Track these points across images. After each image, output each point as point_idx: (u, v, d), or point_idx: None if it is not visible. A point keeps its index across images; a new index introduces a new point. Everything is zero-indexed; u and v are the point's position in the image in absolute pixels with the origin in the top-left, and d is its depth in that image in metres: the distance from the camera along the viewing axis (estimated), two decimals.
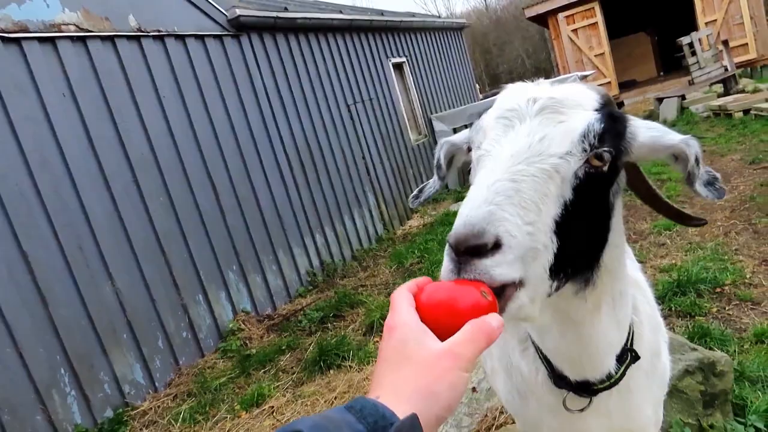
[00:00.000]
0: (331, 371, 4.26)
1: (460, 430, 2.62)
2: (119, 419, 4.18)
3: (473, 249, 0.73)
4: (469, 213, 0.75)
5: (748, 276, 3.98)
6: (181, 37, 5.59)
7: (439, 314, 0.70)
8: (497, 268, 0.73)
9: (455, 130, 10.33)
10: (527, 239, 0.77)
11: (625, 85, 18.01)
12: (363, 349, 4.39)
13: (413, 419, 0.59)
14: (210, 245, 5.45)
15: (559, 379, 1.17)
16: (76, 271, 4.22)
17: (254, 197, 6.12)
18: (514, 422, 2.44)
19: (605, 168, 0.88)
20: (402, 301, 0.72)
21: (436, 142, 9.25)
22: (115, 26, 4.92)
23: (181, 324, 4.98)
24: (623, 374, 1.15)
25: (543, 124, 0.87)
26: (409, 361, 0.65)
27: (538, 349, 1.20)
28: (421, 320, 0.70)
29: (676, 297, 3.83)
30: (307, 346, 4.74)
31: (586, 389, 1.15)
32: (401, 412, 0.61)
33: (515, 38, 41.04)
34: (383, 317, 4.84)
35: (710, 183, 0.94)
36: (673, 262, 4.51)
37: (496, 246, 0.73)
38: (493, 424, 2.53)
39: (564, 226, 0.83)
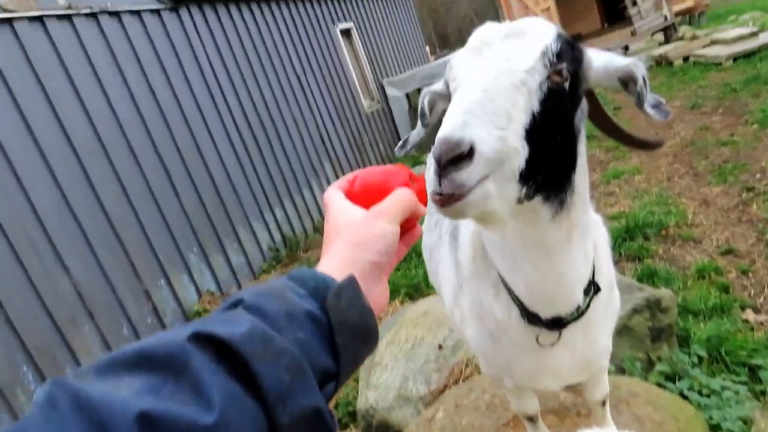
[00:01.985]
0: None
1: (429, 385, 2.72)
2: None
3: (452, 159, 0.80)
4: (448, 124, 0.83)
5: (690, 217, 4.20)
6: (115, 14, 5.34)
7: (370, 196, 0.77)
8: (471, 177, 0.82)
9: (408, 95, 10.29)
10: (498, 142, 0.85)
11: None
12: None
13: (350, 280, 0.64)
14: (167, 228, 5.35)
15: (532, 317, 1.23)
16: (27, 263, 4.09)
17: (208, 175, 6.01)
18: (479, 373, 2.56)
19: (566, 84, 0.99)
20: (333, 195, 0.79)
21: (389, 108, 9.13)
22: (42, 5, 4.65)
23: (144, 310, 4.92)
24: (588, 306, 1.23)
25: (508, 47, 0.97)
26: (339, 231, 0.73)
27: (510, 291, 1.26)
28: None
29: (626, 242, 4.02)
30: None
31: (557, 324, 1.23)
32: (336, 270, 0.67)
33: None
34: None
35: (656, 106, 1.05)
36: (622, 209, 4.71)
37: (471, 153, 0.81)
38: (460, 377, 2.64)
39: (534, 135, 0.91)
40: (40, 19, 4.61)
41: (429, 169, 0.86)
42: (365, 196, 0.78)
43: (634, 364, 2.40)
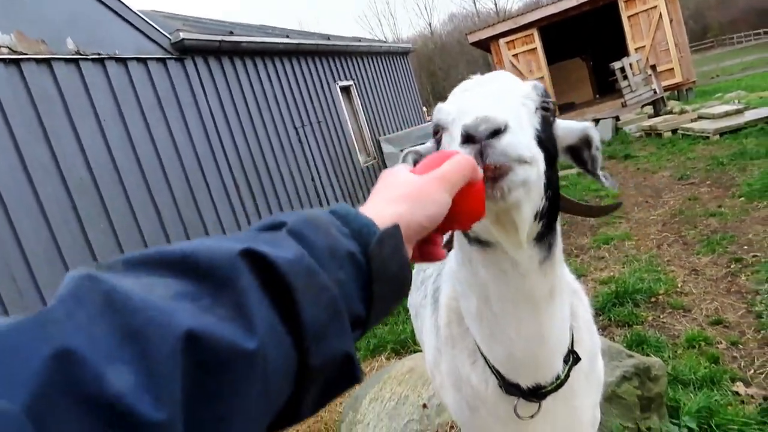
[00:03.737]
0: None
1: None
2: None
3: (491, 133, 0.79)
4: (473, 110, 0.83)
5: (679, 285, 4.20)
6: (122, 60, 5.49)
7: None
8: (515, 144, 0.80)
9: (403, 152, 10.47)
10: (524, 134, 0.86)
11: (564, 108, 18.84)
12: None
13: (395, 229, 0.61)
14: None
15: (510, 386, 1.20)
16: (8, 302, 4.00)
17: (201, 221, 6.00)
18: None
19: (552, 120, 1.02)
20: (397, 165, 0.79)
21: (385, 164, 9.29)
22: (51, 49, 4.78)
23: None
24: (568, 375, 1.19)
25: (499, 82, 1.02)
26: (397, 184, 0.70)
27: (487, 360, 1.23)
28: None
29: (615, 307, 4.00)
30: None
31: (536, 394, 1.19)
32: (386, 215, 0.63)
33: (460, 62, 42.34)
34: None
35: (606, 178, 1.13)
36: (612, 274, 4.71)
37: (506, 128, 0.80)
38: None
39: (540, 147, 0.91)
40: (47, 61, 4.73)
41: (460, 149, 0.82)
42: (428, 166, 0.75)
43: None
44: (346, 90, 10.27)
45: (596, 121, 13.15)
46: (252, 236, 0.52)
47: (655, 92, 13.26)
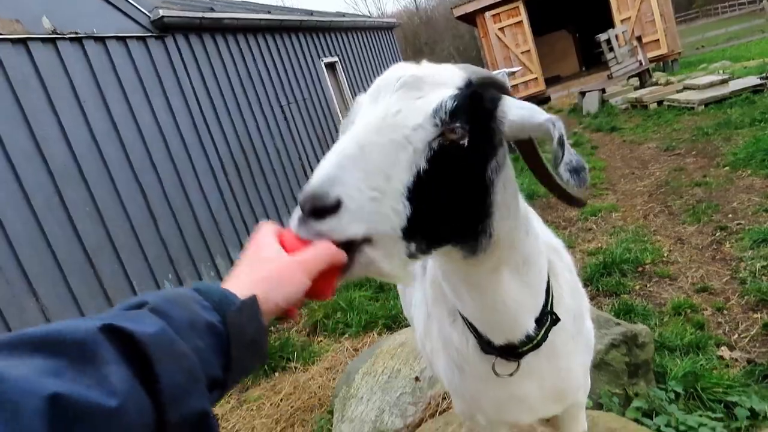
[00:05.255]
0: (276, 374, 4.21)
1: (405, 419, 2.67)
2: None
3: (316, 210, 0.78)
4: (317, 176, 0.81)
5: (665, 254, 4.27)
6: (101, 39, 5.35)
7: (298, 245, 0.81)
8: (336, 228, 0.79)
9: None
10: (369, 204, 0.81)
11: (550, 81, 18.79)
12: (307, 350, 4.37)
13: (253, 300, 0.70)
14: (143, 255, 5.24)
15: (486, 344, 1.21)
16: None
17: (188, 203, 5.94)
18: None
19: (464, 142, 0.91)
20: (267, 227, 0.87)
21: None
22: (27, 28, 4.64)
23: None
24: (545, 337, 1.19)
25: (401, 99, 0.92)
26: (261, 262, 0.78)
27: (464, 318, 1.23)
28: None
29: (603, 278, 4.06)
30: None
31: (512, 352, 1.19)
32: (244, 291, 0.71)
33: (446, 37, 41.93)
34: (326, 316, 4.85)
35: (576, 170, 0.94)
36: (599, 245, 4.76)
37: (337, 206, 0.78)
38: (436, 411, 2.60)
39: (419, 193, 0.86)
40: (23, 41, 4.60)
41: (293, 215, 0.83)
42: (295, 243, 0.81)
43: (611, 400, 2.38)
44: (331, 66, 10.14)
45: (583, 93, 13.14)
46: (115, 314, 0.60)
47: (641, 64, 13.24)
